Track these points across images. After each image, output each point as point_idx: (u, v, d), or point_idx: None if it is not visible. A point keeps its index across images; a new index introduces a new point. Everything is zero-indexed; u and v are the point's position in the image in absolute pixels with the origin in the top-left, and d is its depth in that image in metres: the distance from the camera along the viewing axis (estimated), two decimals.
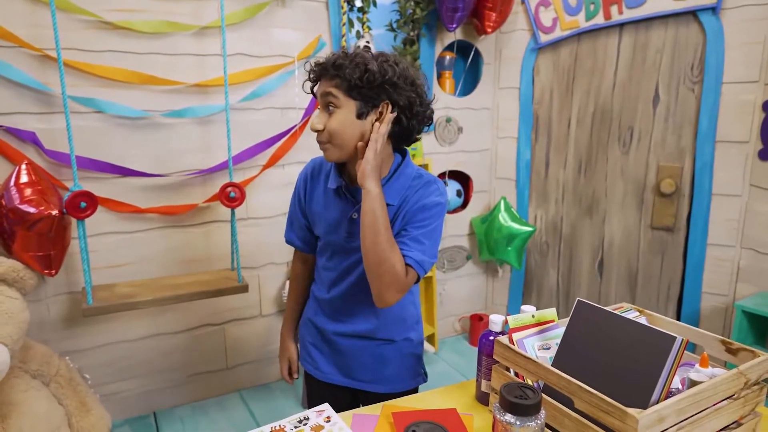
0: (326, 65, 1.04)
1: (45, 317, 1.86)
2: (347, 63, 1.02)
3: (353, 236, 1.11)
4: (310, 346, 1.28)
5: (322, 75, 1.05)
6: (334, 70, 1.02)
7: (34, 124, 1.75)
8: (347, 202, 1.12)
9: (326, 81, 1.04)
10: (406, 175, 1.12)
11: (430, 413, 0.95)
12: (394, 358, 1.23)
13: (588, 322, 0.90)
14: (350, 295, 1.18)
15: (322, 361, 1.26)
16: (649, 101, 2.37)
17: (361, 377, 1.22)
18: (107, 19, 1.79)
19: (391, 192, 1.09)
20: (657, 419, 0.73)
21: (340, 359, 1.23)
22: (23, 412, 1.60)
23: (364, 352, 1.21)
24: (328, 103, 1.04)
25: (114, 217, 1.92)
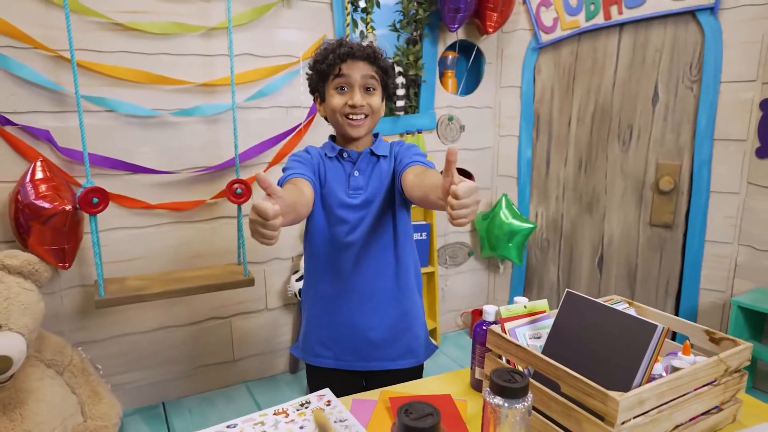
0: (369, 51, 1.20)
1: (59, 309, 1.92)
2: (379, 51, 1.23)
3: (356, 190, 1.24)
4: (325, 341, 1.31)
5: (362, 58, 1.19)
6: (374, 57, 1.21)
7: (48, 122, 1.82)
8: (347, 163, 1.26)
9: (366, 65, 1.20)
10: (383, 140, 1.32)
11: (425, 399, 1.00)
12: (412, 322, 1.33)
13: (576, 312, 0.95)
14: (364, 251, 1.25)
15: (341, 349, 1.30)
16: (648, 100, 2.41)
17: (383, 356, 1.29)
18: (118, 20, 1.85)
19: (382, 148, 1.28)
20: (637, 402, 0.78)
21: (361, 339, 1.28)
22: (38, 399, 1.66)
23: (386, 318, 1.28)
24: (369, 84, 1.21)
25: (125, 213, 1.98)
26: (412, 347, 1.33)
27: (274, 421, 0.91)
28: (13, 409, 1.60)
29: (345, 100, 1.20)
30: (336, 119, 1.23)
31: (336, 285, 1.27)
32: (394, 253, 1.28)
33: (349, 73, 1.19)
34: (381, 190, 1.25)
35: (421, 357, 1.36)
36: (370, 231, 1.25)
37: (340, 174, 1.26)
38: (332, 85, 1.21)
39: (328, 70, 1.20)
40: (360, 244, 1.25)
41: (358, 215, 1.24)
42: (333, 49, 1.19)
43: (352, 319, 1.27)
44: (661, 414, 0.82)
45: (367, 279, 1.26)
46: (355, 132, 1.22)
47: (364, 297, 1.27)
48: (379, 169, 1.27)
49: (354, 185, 1.25)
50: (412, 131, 2.51)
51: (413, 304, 1.35)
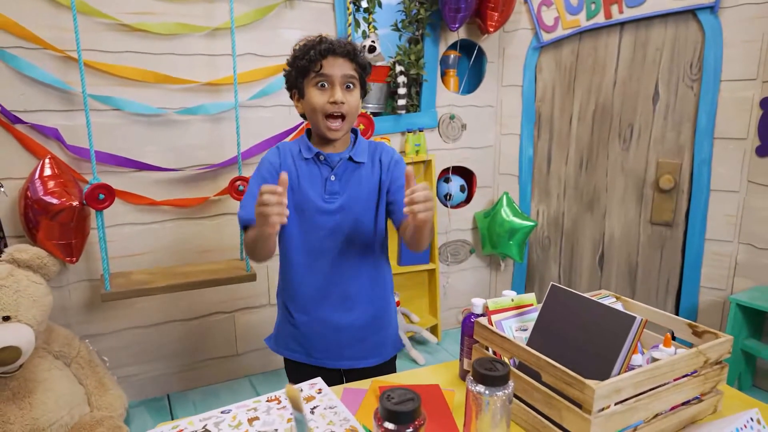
0: (349, 48, 1.20)
1: (67, 303, 1.98)
2: (359, 51, 1.23)
3: (332, 194, 1.24)
4: (297, 337, 1.31)
5: (342, 55, 1.19)
6: (354, 54, 1.21)
7: (57, 120, 1.87)
8: (323, 167, 1.25)
9: (346, 62, 1.20)
10: (362, 141, 1.31)
11: (414, 388, 1.03)
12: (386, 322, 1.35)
13: (561, 305, 0.97)
14: (340, 256, 1.25)
15: (314, 347, 1.31)
16: (648, 99, 2.42)
17: (352, 355, 1.30)
18: (125, 21, 1.90)
19: (361, 153, 1.27)
20: (614, 390, 0.81)
21: (333, 339, 1.29)
22: (47, 389, 1.72)
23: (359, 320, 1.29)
24: (349, 82, 1.20)
25: (131, 209, 2.03)
26: (380, 346, 1.34)
27: (267, 407, 0.95)
28: (23, 398, 1.65)
29: (326, 98, 1.19)
30: (316, 119, 1.21)
31: (310, 287, 1.27)
32: (370, 256, 1.30)
33: (330, 70, 1.18)
34: (359, 195, 1.25)
35: (387, 355, 1.36)
36: (346, 236, 1.25)
37: (315, 177, 1.25)
38: (312, 82, 1.20)
39: (308, 66, 1.19)
40: (336, 249, 1.25)
41: (334, 220, 1.24)
42: (313, 45, 1.18)
43: (325, 321, 1.28)
44: (639, 403, 0.85)
45: (343, 282, 1.27)
46: (332, 135, 1.21)
47: (338, 299, 1.27)
48: (358, 176, 1.26)
49: (330, 190, 1.24)
50: (413, 129, 2.54)
51: (388, 305, 1.38)
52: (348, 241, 1.26)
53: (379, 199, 1.28)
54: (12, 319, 1.60)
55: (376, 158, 1.29)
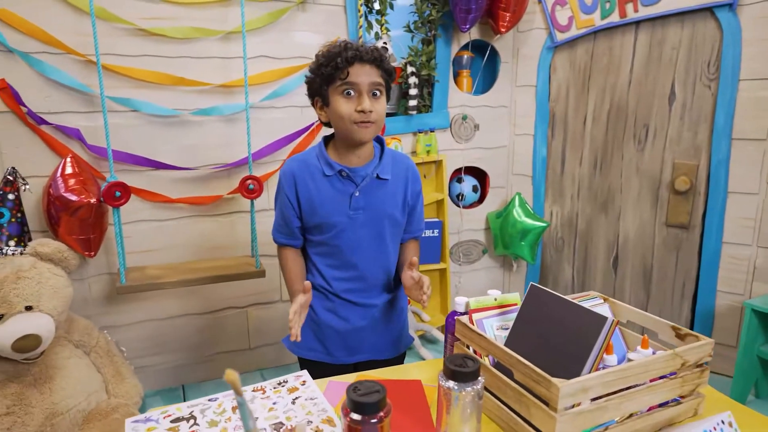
0: (376, 54, 1.18)
1: (87, 295, 2.08)
2: (385, 58, 1.20)
3: (357, 210, 1.24)
4: (318, 336, 1.35)
5: (369, 62, 1.17)
6: (380, 60, 1.18)
7: (79, 121, 1.97)
8: (348, 183, 1.24)
9: (372, 69, 1.17)
10: (387, 153, 1.30)
11: (395, 382, 1.06)
12: (402, 320, 1.41)
13: (539, 305, 0.99)
14: (366, 259, 1.29)
15: (333, 346, 1.35)
16: (664, 98, 2.38)
17: (368, 349, 1.35)
18: (143, 26, 1.98)
19: (386, 168, 1.27)
20: (580, 389, 0.82)
21: (353, 337, 1.34)
22: (66, 375, 1.81)
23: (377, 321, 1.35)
24: (376, 89, 1.18)
25: (147, 206, 2.11)
26: (396, 339, 1.39)
27: (252, 396, 1.00)
28: (44, 383, 1.75)
29: (353, 106, 1.16)
30: (343, 126, 1.19)
31: (335, 291, 1.31)
32: (391, 264, 1.33)
33: (357, 78, 1.15)
34: (383, 210, 1.27)
35: (401, 348, 1.42)
36: (369, 246, 1.28)
37: (339, 194, 1.24)
38: (338, 90, 1.17)
39: (334, 74, 1.15)
40: (360, 258, 1.28)
41: (359, 233, 1.26)
42: (339, 52, 1.15)
43: (347, 320, 1.32)
44: (609, 402, 0.86)
45: (365, 286, 1.31)
46: (363, 135, 1.19)
47: (361, 300, 1.31)
48: (383, 191, 1.27)
49: (355, 206, 1.24)
50: (425, 130, 2.56)
51: (403, 305, 1.43)
52: (372, 252, 1.29)
53: (401, 216, 1.32)
54: (34, 308, 1.69)
55: (401, 177, 1.30)
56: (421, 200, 1.40)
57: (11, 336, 1.61)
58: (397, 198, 1.29)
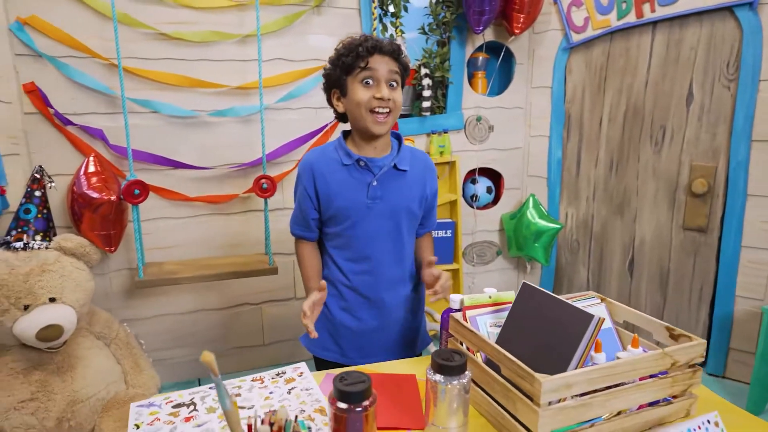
0: (394, 47, 1.23)
1: (108, 289, 2.16)
2: (403, 51, 1.26)
3: (374, 200, 1.27)
4: (333, 336, 1.37)
5: (388, 53, 1.22)
6: (398, 53, 1.24)
7: (102, 122, 2.05)
8: (365, 172, 1.27)
9: (391, 61, 1.22)
10: (405, 148, 1.33)
11: (390, 376, 1.09)
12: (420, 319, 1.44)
13: (530, 302, 1.00)
14: (383, 250, 1.31)
15: (348, 346, 1.37)
16: (682, 99, 2.34)
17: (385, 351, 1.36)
18: (163, 30, 2.06)
19: (404, 160, 1.30)
20: (564, 385, 0.83)
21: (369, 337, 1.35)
22: (87, 365, 1.89)
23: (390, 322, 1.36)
24: (393, 79, 1.23)
25: (166, 204, 2.19)
26: (411, 341, 1.41)
27: (250, 386, 1.04)
28: (66, 372, 1.83)
29: (371, 94, 1.20)
30: (360, 114, 1.22)
31: (353, 287, 1.33)
32: (408, 258, 1.36)
33: (376, 66, 1.20)
34: (400, 201, 1.29)
35: (418, 349, 1.44)
36: (387, 239, 1.31)
37: (357, 183, 1.27)
38: (357, 79, 1.21)
39: (354, 63, 1.20)
40: (377, 251, 1.30)
41: (376, 224, 1.28)
42: (360, 42, 1.20)
43: (364, 320, 1.34)
44: (595, 399, 0.87)
45: (383, 282, 1.32)
46: (378, 129, 1.22)
47: (378, 299, 1.33)
48: (400, 183, 1.29)
49: (372, 195, 1.27)
50: (438, 131, 2.57)
51: (421, 305, 1.45)
52: (388, 243, 1.31)
53: (418, 210, 1.34)
54: (57, 300, 1.77)
55: (420, 173, 1.33)
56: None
57: (36, 325, 1.69)
58: (414, 191, 1.32)
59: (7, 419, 1.70)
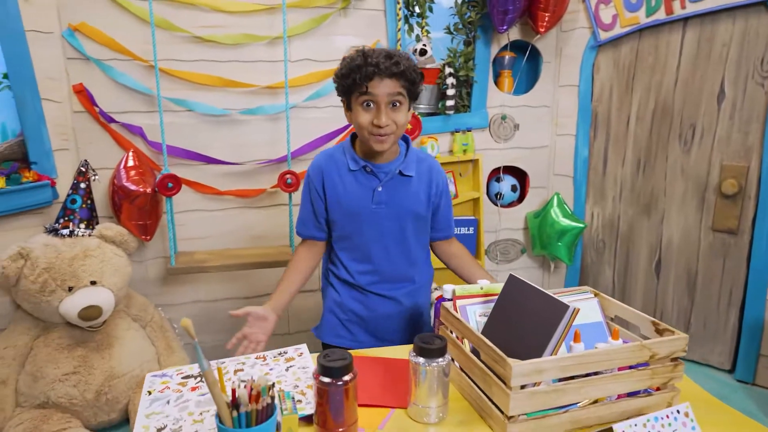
0: (394, 70, 1.19)
1: (145, 276, 2.32)
2: (405, 65, 1.21)
3: (380, 204, 1.33)
4: (345, 323, 1.45)
5: (388, 76, 1.19)
6: (400, 74, 1.20)
7: (142, 120, 2.21)
8: (371, 177, 1.33)
9: (392, 81, 1.20)
10: (412, 152, 1.37)
11: (384, 360, 1.15)
12: (424, 310, 1.48)
13: (515, 293, 1.04)
14: (388, 252, 1.38)
15: (359, 332, 1.45)
16: (713, 97, 2.28)
17: (394, 339, 1.43)
18: (198, 34, 2.19)
19: (410, 166, 1.35)
20: (535, 370, 0.87)
21: (377, 325, 1.43)
22: (123, 345, 2.04)
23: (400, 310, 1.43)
24: (395, 100, 1.23)
25: (199, 198, 2.33)
26: (423, 327, 1.47)
27: (253, 363, 1.13)
28: (105, 349, 1.99)
29: (371, 118, 1.22)
30: (362, 134, 1.26)
31: (359, 282, 1.40)
32: (412, 256, 1.41)
33: (375, 91, 1.20)
34: (405, 205, 1.34)
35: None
36: (392, 240, 1.37)
37: (363, 188, 1.32)
38: (358, 101, 1.23)
39: (353, 86, 1.21)
40: (383, 251, 1.37)
41: (381, 226, 1.34)
42: (359, 66, 1.18)
43: (372, 309, 1.41)
44: (569, 386, 0.90)
45: (389, 277, 1.40)
46: (380, 147, 1.26)
47: (384, 291, 1.40)
48: (405, 188, 1.34)
49: (377, 200, 1.33)
50: (462, 129, 2.61)
51: (427, 297, 1.51)
52: (394, 246, 1.38)
53: (425, 211, 1.40)
54: (97, 283, 1.93)
55: (425, 174, 1.37)
56: (448, 199, 1.45)
57: (78, 305, 1.85)
58: (420, 195, 1.36)
59: (53, 389, 1.87)
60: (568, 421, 0.92)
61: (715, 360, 2.43)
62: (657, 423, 0.84)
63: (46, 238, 1.93)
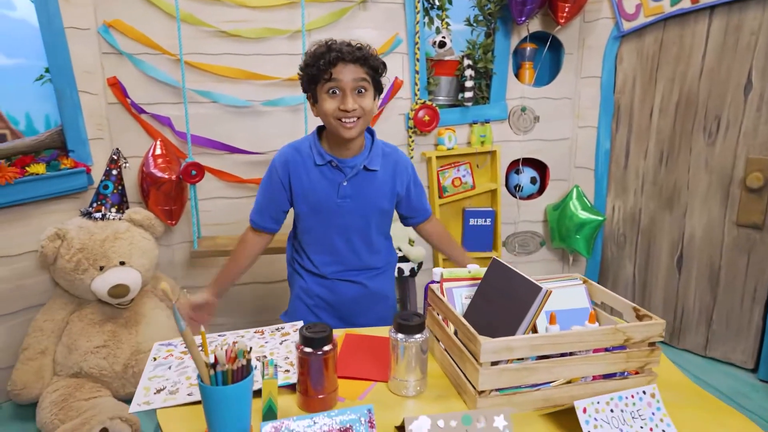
0: (358, 54, 1.22)
1: (172, 259, 2.45)
2: (367, 52, 1.25)
3: (344, 198, 1.37)
4: (312, 309, 1.50)
5: (352, 61, 1.22)
6: (363, 60, 1.24)
7: (170, 111, 2.33)
8: (336, 172, 1.36)
9: (356, 67, 1.23)
10: (377, 145, 1.40)
11: (371, 337, 1.21)
12: (389, 292, 1.54)
13: (497, 276, 1.08)
14: (351, 244, 1.43)
15: (327, 317, 1.50)
16: (740, 88, 2.22)
17: (360, 322, 1.47)
18: (222, 28, 2.29)
19: (375, 160, 1.37)
20: (504, 348, 0.91)
21: (344, 309, 1.50)
22: (150, 323, 2.17)
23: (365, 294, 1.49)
24: (360, 86, 1.24)
25: (222, 185, 2.44)
26: (382, 317, 1.51)
27: (252, 336, 1.20)
28: (132, 326, 2.12)
29: (337, 104, 1.23)
30: (329, 122, 1.27)
31: (324, 269, 1.45)
32: (376, 244, 1.46)
33: (340, 77, 1.21)
34: (370, 198, 1.38)
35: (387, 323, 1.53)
36: (356, 231, 1.41)
37: (328, 182, 1.34)
38: (324, 89, 1.24)
39: (318, 74, 1.22)
40: (347, 240, 1.42)
41: (346, 219, 1.38)
42: (323, 53, 1.21)
43: (335, 291, 1.47)
44: (539, 365, 0.93)
45: (353, 265, 1.45)
46: (347, 134, 1.25)
47: (349, 277, 1.46)
48: (370, 182, 1.36)
49: (342, 194, 1.35)
50: (480, 121, 2.62)
51: (391, 275, 1.57)
52: (357, 240, 1.43)
53: (389, 205, 1.44)
54: (126, 264, 2.06)
55: (389, 169, 1.39)
56: (418, 186, 1.49)
57: (108, 284, 1.98)
58: (385, 189, 1.40)
59: (85, 360, 2.02)
60: (541, 398, 0.95)
61: (737, 358, 2.37)
62: (621, 402, 0.86)
63: (80, 220, 2.07)
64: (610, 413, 0.85)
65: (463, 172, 2.63)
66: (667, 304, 2.56)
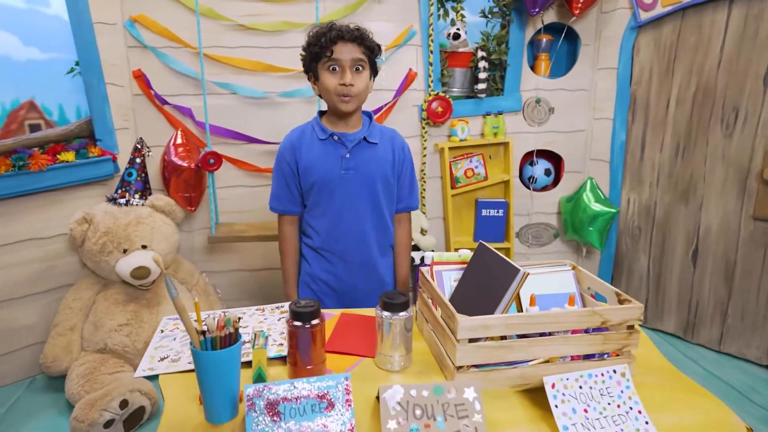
0: (356, 34, 1.35)
1: (192, 244, 2.56)
2: (365, 32, 1.38)
3: (348, 170, 1.45)
4: (318, 294, 1.57)
5: (351, 40, 1.35)
6: (361, 40, 1.36)
7: (191, 102, 2.43)
8: (339, 146, 1.44)
9: (354, 46, 1.35)
10: (375, 124, 1.50)
11: (360, 316, 1.26)
12: (391, 279, 1.59)
13: (482, 260, 1.12)
14: (358, 213, 1.49)
15: (331, 303, 1.56)
16: (759, 79, 2.18)
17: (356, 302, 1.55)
18: (241, 22, 2.37)
19: (374, 134, 1.46)
20: (481, 326, 0.95)
21: (346, 294, 1.56)
22: (170, 304, 2.29)
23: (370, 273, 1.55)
24: (358, 64, 1.37)
25: (240, 174, 2.53)
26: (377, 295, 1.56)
27: (252, 313, 1.28)
28: (153, 306, 2.24)
29: (337, 81, 1.35)
30: (330, 98, 1.39)
31: (331, 247, 1.51)
32: (380, 219, 1.51)
33: (340, 55, 1.34)
34: (372, 170, 1.45)
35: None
36: (362, 203, 1.47)
37: (332, 155, 1.43)
38: (324, 66, 1.36)
39: (320, 52, 1.35)
40: (354, 214, 1.47)
41: (351, 191, 1.45)
42: (324, 32, 1.34)
43: (340, 276, 1.53)
44: (515, 343, 0.97)
45: (358, 242, 1.50)
46: (346, 107, 1.38)
47: (355, 254, 1.51)
48: (371, 154, 1.45)
49: (346, 166, 1.44)
50: (493, 112, 2.63)
51: (389, 262, 1.61)
52: (367, 209, 1.49)
53: (391, 176, 1.50)
54: (148, 247, 2.17)
55: (388, 143, 1.49)
56: (412, 170, 1.55)
57: (131, 266, 2.10)
58: (387, 160, 1.48)
59: (109, 337, 2.14)
60: (518, 376, 0.99)
61: (752, 354, 2.33)
62: (590, 380, 0.89)
63: (106, 206, 2.20)
64: (578, 389, 0.88)
65: (475, 163, 2.66)
66: (682, 298, 2.53)
